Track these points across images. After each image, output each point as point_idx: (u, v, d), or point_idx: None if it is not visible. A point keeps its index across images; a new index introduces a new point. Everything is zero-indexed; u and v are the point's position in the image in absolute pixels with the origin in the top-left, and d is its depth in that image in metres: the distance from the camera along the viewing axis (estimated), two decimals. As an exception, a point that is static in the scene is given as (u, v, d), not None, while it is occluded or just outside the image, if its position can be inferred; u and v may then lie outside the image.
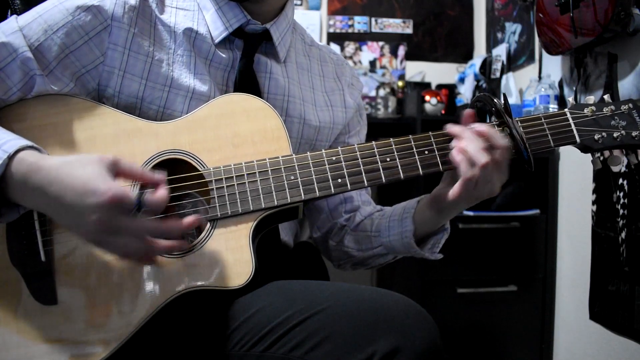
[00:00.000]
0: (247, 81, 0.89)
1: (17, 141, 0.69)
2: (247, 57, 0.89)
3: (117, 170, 0.68)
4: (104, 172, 0.66)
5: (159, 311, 0.74)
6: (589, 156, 0.90)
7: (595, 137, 0.85)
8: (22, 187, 0.68)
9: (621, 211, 1.71)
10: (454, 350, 2.09)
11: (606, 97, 0.88)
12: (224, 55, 0.89)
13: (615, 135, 0.85)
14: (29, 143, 0.70)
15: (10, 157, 0.67)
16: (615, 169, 1.74)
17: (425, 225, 0.90)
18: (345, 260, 1.03)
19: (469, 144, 0.78)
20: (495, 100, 0.84)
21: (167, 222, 0.68)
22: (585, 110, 0.86)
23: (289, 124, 0.93)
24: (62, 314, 0.74)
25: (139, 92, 0.83)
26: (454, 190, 0.80)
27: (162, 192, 0.68)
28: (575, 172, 2.02)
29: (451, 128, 0.82)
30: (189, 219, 0.69)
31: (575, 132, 0.85)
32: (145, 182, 0.70)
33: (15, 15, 0.81)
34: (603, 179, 1.80)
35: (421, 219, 0.90)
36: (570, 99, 0.90)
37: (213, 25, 0.88)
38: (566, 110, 0.86)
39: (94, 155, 0.68)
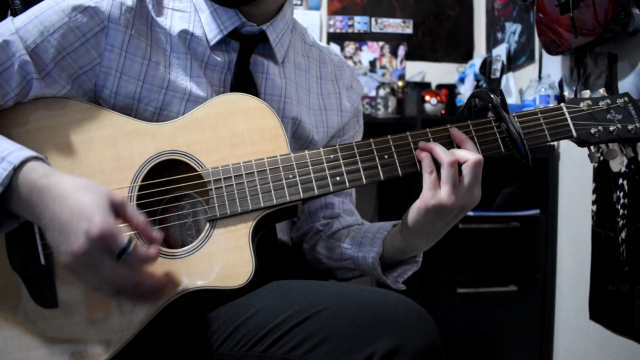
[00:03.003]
0: (243, 82, 0.88)
1: (22, 152, 0.69)
2: (242, 59, 0.88)
3: (119, 211, 0.67)
4: (106, 205, 0.65)
5: (160, 312, 0.74)
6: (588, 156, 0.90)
7: (592, 131, 0.85)
8: (25, 200, 0.67)
9: (621, 211, 1.71)
10: (454, 351, 2.09)
11: (602, 90, 0.88)
12: (219, 58, 0.88)
13: (611, 128, 0.85)
14: (34, 154, 0.70)
15: (16, 169, 0.67)
16: (615, 168, 1.73)
17: (394, 250, 0.88)
18: (317, 265, 1.01)
19: (437, 145, 0.79)
20: (492, 95, 0.83)
21: (142, 276, 0.67)
22: (581, 105, 0.86)
23: (285, 124, 0.93)
24: (62, 317, 0.74)
25: (136, 93, 0.83)
26: (418, 202, 0.79)
27: (153, 251, 0.66)
28: (575, 172, 2.02)
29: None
30: (163, 279, 0.70)
31: (571, 126, 0.85)
32: (140, 233, 0.69)
33: (11, 17, 0.81)
34: (603, 179, 1.80)
35: (391, 243, 0.88)
36: (569, 96, 0.89)
37: (208, 27, 0.87)
38: (562, 104, 0.86)
39: (103, 188, 0.68)
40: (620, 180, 1.71)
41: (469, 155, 0.78)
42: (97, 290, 0.67)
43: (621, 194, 1.71)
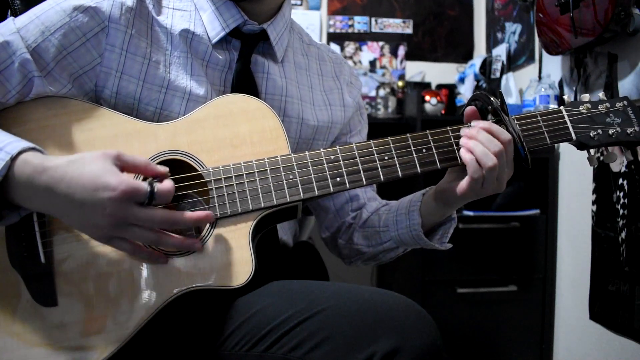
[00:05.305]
0: (244, 82, 0.89)
1: (19, 143, 0.69)
2: (244, 57, 0.89)
3: (121, 164, 0.68)
4: (111, 166, 0.67)
5: (159, 311, 0.74)
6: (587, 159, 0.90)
7: (591, 134, 0.85)
8: (27, 189, 0.67)
9: (621, 211, 1.71)
10: (454, 351, 2.09)
11: (601, 94, 0.89)
12: (220, 57, 0.88)
13: (610, 132, 0.85)
14: (31, 145, 0.70)
15: (13, 159, 0.67)
16: (615, 168, 1.74)
17: (432, 216, 0.91)
18: (356, 257, 1.03)
19: (477, 144, 0.79)
20: (491, 98, 0.84)
21: (177, 213, 0.69)
22: (580, 108, 0.87)
23: (287, 124, 0.93)
24: (62, 316, 0.74)
25: (136, 93, 0.83)
26: (461, 187, 0.81)
27: (169, 182, 0.69)
28: (575, 172, 2.02)
29: (464, 130, 0.83)
30: (200, 213, 0.71)
31: (571, 129, 0.85)
32: (150, 174, 0.71)
33: (12, 17, 0.81)
34: (603, 179, 1.80)
35: (427, 211, 0.90)
36: (568, 99, 0.90)
37: (210, 25, 0.88)
38: (562, 107, 0.87)
39: (97, 152, 0.68)
40: (620, 180, 1.71)
41: (504, 137, 0.80)
42: (139, 252, 0.70)
43: (621, 194, 1.71)
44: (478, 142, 0.79)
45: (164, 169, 0.71)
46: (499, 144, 0.79)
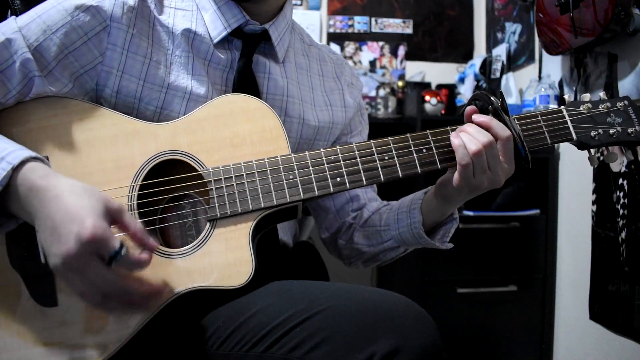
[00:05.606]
0: (245, 81, 0.89)
1: (21, 152, 0.69)
2: (245, 57, 0.89)
3: (116, 217, 0.67)
4: (101, 210, 0.64)
5: (159, 311, 0.74)
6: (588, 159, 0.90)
7: (592, 134, 0.85)
8: (22, 199, 0.67)
9: (621, 211, 1.71)
10: (454, 351, 2.09)
11: (602, 94, 0.89)
12: (222, 56, 0.88)
13: (611, 132, 0.85)
14: (33, 154, 0.69)
15: (15, 169, 0.67)
16: (615, 168, 1.74)
17: (433, 214, 0.91)
18: (356, 258, 1.03)
19: (465, 133, 0.81)
20: (492, 98, 0.84)
21: (130, 284, 0.66)
22: (581, 108, 0.87)
23: (288, 124, 0.93)
24: (62, 316, 0.74)
25: (137, 92, 0.83)
26: (455, 178, 0.82)
27: (145, 256, 0.66)
28: (575, 172, 2.02)
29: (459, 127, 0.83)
30: (154, 287, 0.69)
31: (571, 129, 0.85)
32: (137, 242, 0.68)
33: (13, 17, 0.81)
34: (603, 179, 1.80)
35: (428, 208, 0.91)
36: (569, 99, 0.90)
37: (212, 25, 0.88)
38: (562, 107, 0.87)
39: (103, 194, 0.67)
40: (620, 180, 1.71)
41: (503, 134, 0.80)
42: (82, 296, 0.66)
43: (621, 194, 1.71)
44: (465, 132, 0.81)
45: (154, 243, 0.69)
46: (486, 133, 0.80)
